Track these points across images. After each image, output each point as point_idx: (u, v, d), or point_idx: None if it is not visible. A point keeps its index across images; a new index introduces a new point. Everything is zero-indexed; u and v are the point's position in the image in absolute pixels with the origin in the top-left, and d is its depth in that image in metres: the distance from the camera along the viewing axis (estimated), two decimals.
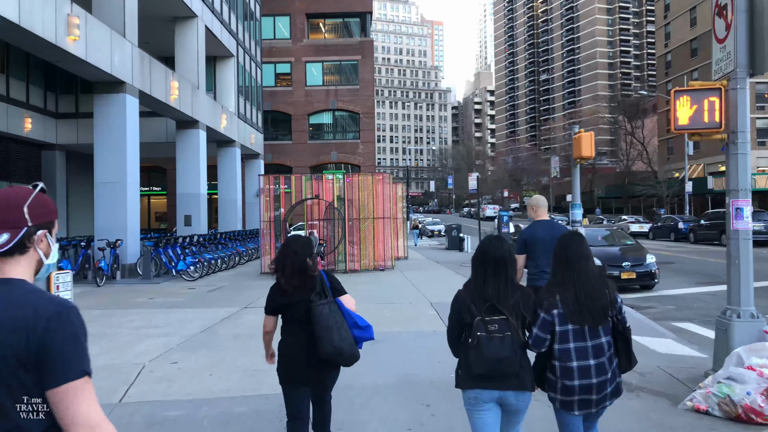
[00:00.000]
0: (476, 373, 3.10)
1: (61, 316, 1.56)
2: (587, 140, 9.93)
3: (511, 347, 3.07)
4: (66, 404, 1.51)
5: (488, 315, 3.13)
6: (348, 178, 18.09)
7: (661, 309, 10.96)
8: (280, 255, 3.76)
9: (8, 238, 1.60)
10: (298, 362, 3.65)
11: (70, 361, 1.54)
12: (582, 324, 3.18)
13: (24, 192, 1.67)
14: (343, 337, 3.59)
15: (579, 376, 3.15)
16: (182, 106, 20.81)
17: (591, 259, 3.39)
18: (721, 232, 27.63)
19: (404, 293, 12.36)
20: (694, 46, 51.54)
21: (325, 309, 3.61)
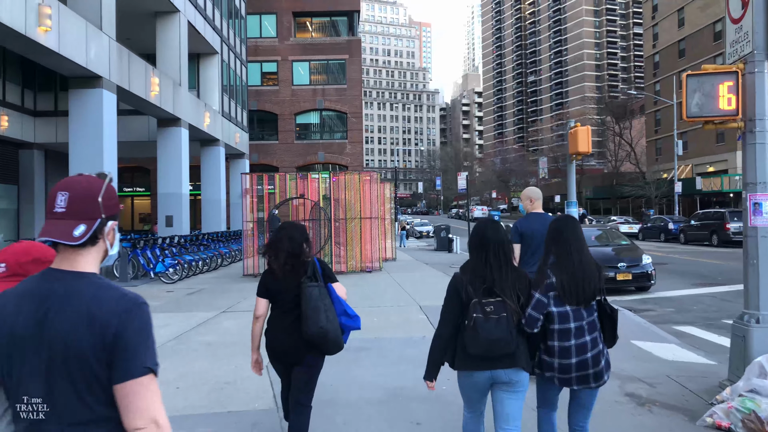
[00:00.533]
0: (472, 354, 3.14)
1: (133, 313, 1.60)
2: (584, 135, 9.46)
3: (506, 328, 3.10)
4: (130, 399, 1.56)
5: (485, 297, 3.17)
6: (334, 177, 17.53)
7: (660, 312, 10.51)
8: (275, 239, 3.80)
9: (85, 229, 1.60)
10: (283, 341, 3.72)
11: (140, 357, 1.58)
12: (577, 304, 3.29)
13: (97, 182, 1.68)
14: (330, 320, 3.61)
15: (576, 353, 3.27)
16: (163, 103, 20.15)
17: (584, 242, 3.47)
18: (712, 232, 27.39)
19: (392, 296, 11.83)
20: (682, 46, 51.50)
21: (315, 291, 3.64)
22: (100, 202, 1.64)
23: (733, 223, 26.32)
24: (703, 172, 47.47)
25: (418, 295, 11.73)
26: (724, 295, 12.25)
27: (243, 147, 32.60)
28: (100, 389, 1.58)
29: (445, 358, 3.36)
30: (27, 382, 1.58)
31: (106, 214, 1.66)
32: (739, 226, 26.37)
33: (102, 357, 1.56)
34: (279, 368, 3.90)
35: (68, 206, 1.62)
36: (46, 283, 1.63)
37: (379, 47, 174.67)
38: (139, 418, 1.55)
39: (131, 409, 1.55)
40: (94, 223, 1.62)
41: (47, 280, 1.63)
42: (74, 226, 1.60)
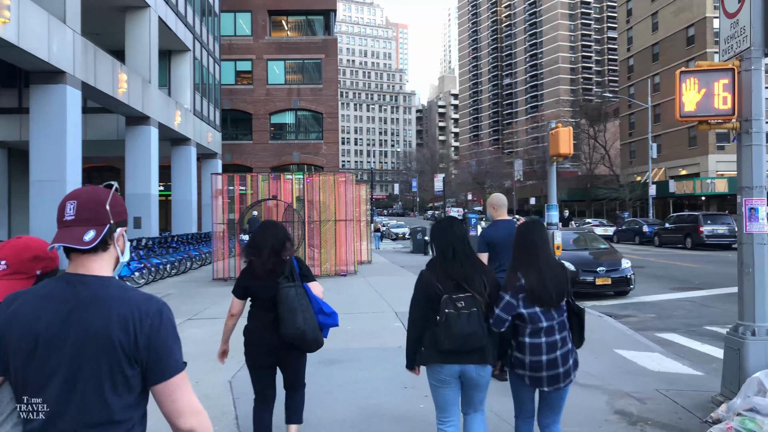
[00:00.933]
0: (445, 349, 3.19)
1: (162, 314, 1.68)
2: (565, 136, 9.17)
3: (478, 322, 3.18)
4: (175, 396, 1.64)
5: (455, 293, 3.24)
6: (308, 178, 17.08)
7: (641, 318, 10.28)
8: (259, 237, 3.77)
9: (94, 235, 1.65)
10: (261, 345, 3.69)
11: (174, 356, 1.66)
12: (545, 306, 3.38)
13: (103, 191, 1.75)
14: (307, 320, 3.60)
15: (547, 351, 3.35)
16: (132, 100, 19.49)
17: (548, 244, 3.61)
18: (686, 235, 27.51)
19: (367, 302, 11.43)
20: (655, 50, 52.00)
21: (291, 291, 3.63)
22: (108, 209, 1.70)
23: (706, 227, 26.45)
24: (676, 176, 47.97)
25: (393, 300, 11.35)
26: (703, 300, 12.09)
27: (215, 147, 31.94)
28: (126, 389, 1.63)
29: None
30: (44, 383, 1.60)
31: (115, 220, 1.73)
32: (713, 229, 26.57)
33: (133, 356, 1.62)
34: (260, 374, 3.83)
35: (77, 213, 1.68)
36: (68, 286, 1.66)
37: (356, 48, 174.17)
38: (187, 412, 1.65)
39: (178, 404, 1.65)
40: (104, 228, 1.68)
41: (69, 283, 1.67)
42: (84, 232, 1.65)
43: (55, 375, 1.60)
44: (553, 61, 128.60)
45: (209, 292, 13.43)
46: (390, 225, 50.67)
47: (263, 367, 3.82)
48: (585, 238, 14.57)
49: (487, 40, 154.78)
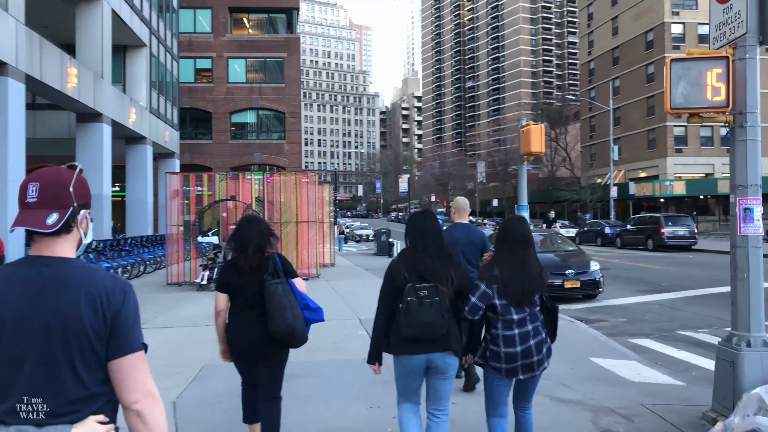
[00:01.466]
0: (406, 336, 3.25)
1: (126, 294, 1.72)
2: (537, 134, 8.81)
3: (439, 312, 3.23)
4: (128, 373, 1.67)
5: (419, 282, 3.30)
6: (269, 178, 16.42)
7: (613, 322, 9.99)
8: (244, 233, 3.74)
9: (58, 218, 1.66)
10: (247, 341, 3.68)
11: (134, 335, 1.71)
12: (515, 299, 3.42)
13: (67, 172, 1.73)
14: (296, 316, 3.62)
15: (520, 341, 3.40)
16: (82, 96, 18.52)
17: (531, 241, 3.60)
18: (648, 237, 27.71)
19: (330, 308, 10.85)
20: (616, 54, 52.71)
21: (279, 288, 3.62)
22: (71, 192, 1.69)
23: (667, 228, 26.67)
24: (636, 178, 48.65)
25: (358, 306, 10.82)
26: (671, 302, 11.91)
27: (173, 146, 30.90)
28: (97, 366, 1.66)
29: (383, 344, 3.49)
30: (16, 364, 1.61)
31: (78, 203, 1.73)
32: (674, 230, 26.81)
33: (102, 334, 1.66)
34: (242, 366, 3.87)
35: (39, 196, 1.67)
36: (33, 268, 1.67)
37: (319, 48, 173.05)
38: (138, 391, 1.67)
39: (129, 382, 1.67)
40: (67, 211, 1.68)
41: (33, 265, 1.68)
42: (47, 215, 1.65)
43: (27, 356, 1.61)
44: (514, 64, 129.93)
45: (161, 299, 12.69)
46: (354, 227, 50.09)
47: (246, 362, 3.83)
48: (552, 240, 14.30)
49: (450, 43, 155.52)
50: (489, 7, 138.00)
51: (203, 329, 8.92)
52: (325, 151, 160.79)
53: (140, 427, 1.66)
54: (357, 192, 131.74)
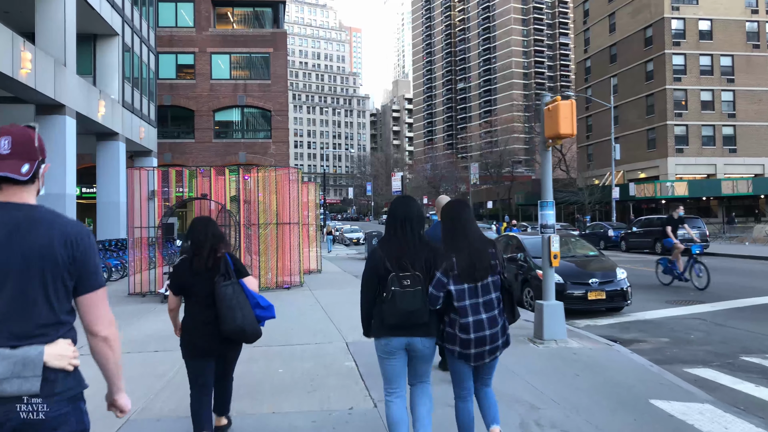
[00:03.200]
0: (390, 324, 3.45)
1: (90, 236, 1.98)
2: (566, 112, 7.06)
3: (421, 300, 3.44)
4: (97, 306, 2.00)
5: (401, 271, 3.47)
6: (246, 174, 14.59)
7: (654, 343, 8.24)
8: (198, 234, 3.88)
9: (29, 168, 1.92)
10: (202, 337, 3.83)
11: (99, 272, 2.00)
12: (470, 282, 3.56)
13: (29, 130, 2.01)
14: (246, 315, 3.77)
15: (474, 329, 3.54)
16: (40, 84, 16.65)
17: (474, 222, 3.77)
18: (656, 240, 26.03)
19: (311, 326, 9.08)
20: (613, 51, 51.27)
21: (229, 289, 3.77)
22: (36, 147, 1.97)
23: (679, 230, 24.98)
24: (635, 179, 47.13)
25: (345, 323, 9.03)
26: (712, 317, 10.19)
27: (150, 143, 28.98)
28: (66, 297, 1.94)
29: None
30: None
31: (42, 156, 2.01)
32: (685, 233, 25.15)
33: (71, 269, 1.92)
34: (196, 364, 3.91)
35: (12, 148, 1.91)
36: (4, 212, 1.91)
37: (309, 50, 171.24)
38: (105, 320, 2.01)
39: (97, 314, 1.99)
40: (35, 163, 1.95)
41: (4, 209, 1.91)
42: (21, 165, 1.90)
43: (5, 285, 1.85)
44: (506, 65, 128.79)
45: (120, 311, 10.85)
46: (344, 230, 48.25)
47: (202, 359, 3.89)
48: (569, 244, 12.55)
49: (441, 44, 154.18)
50: (480, 8, 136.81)
51: (150, 357, 7.11)
52: (315, 153, 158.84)
53: (107, 350, 2.03)
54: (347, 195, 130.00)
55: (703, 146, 45.68)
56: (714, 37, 45.44)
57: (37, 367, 1.81)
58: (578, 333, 8.25)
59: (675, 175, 44.58)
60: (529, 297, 10.95)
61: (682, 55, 44.86)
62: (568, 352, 7.08)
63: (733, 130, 45.73)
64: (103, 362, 2.03)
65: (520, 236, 12.58)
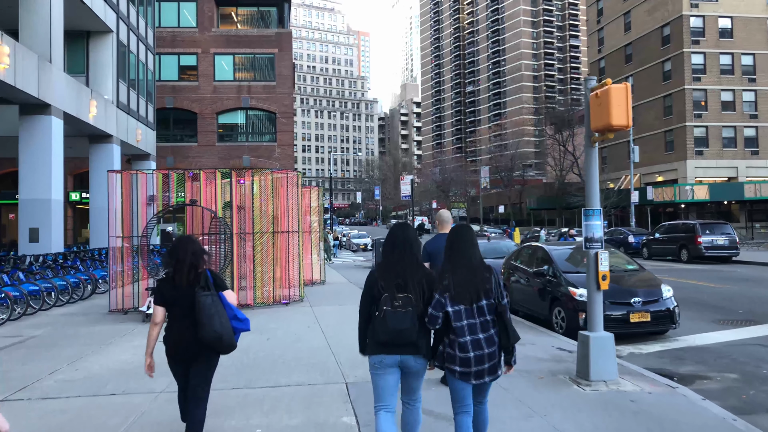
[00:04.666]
0: (381, 341, 3.64)
1: None
2: (620, 97, 5.65)
3: (411, 320, 3.63)
4: None
5: (395, 292, 3.67)
6: (241, 178, 13.24)
7: (723, 382, 6.78)
8: (180, 252, 4.15)
9: None
10: (181, 344, 4.09)
11: None
12: (465, 303, 3.74)
13: None
14: (224, 324, 4.03)
15: (473, 348, 3.69)
16: (21, 82, 15.41)
17: (474, 246, 3.95)
18: (681, 246, 24.54)
19: (307, 356, 7.69)
20: (629, 51, 49.68)
21: (208, 299, 4.04)
22: None
23: (705, 237, 23.51)
24: (652, 182, 45.47)
25: (346, 352, 7.64)
26: None
27: (148, 146, 27.75)
28: None
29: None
30: None
31: None
32: (712, 240, 23.64)
33: None
34: (178, 369, 4.23)
35: None
36: None
37: (317, 54, 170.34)
38: None
39: None
40: None
41: None
42: None
43: None
44: (516, 68, 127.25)
45: (93, 333, 9.54)
46: (351, 235, 46.81)
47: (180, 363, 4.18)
48: None
49: (449, 47, 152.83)
50: (489, 11, 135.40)
51: (104, 403, 5.71)
52: (323, 157, 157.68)
53: None
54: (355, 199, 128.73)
55: (723, 148, 43.98)
56: (735, 35, 43.78)
57: None
58: (627, 368, 6.81)
59: (694, 178, 42.91)
60: (559, 318, 9.52)
61: (702, 54, 43.22)
62: (623, 399, 5.66)
63: (755, 131, 44.00)
64: None
65: (547, 247, 11.13)
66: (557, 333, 9.32)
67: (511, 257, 12.34)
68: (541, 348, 8.01)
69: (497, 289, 3.80)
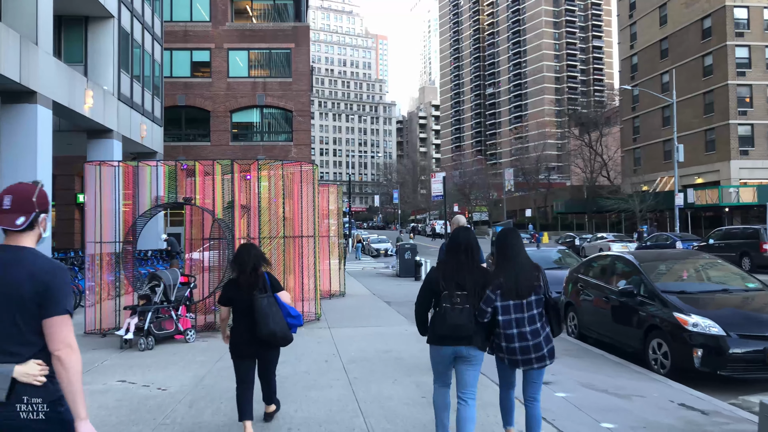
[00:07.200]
0: (439, 334, 4.02)
1: (56, 273, 2.32)
2: None
3: (468, 317, 3.96)
4: (55, 329, 2.27)
5: (454, 290, 4.01)
6: (246, 173, 11.04)
7: None
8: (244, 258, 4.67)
9: (24, 220, 2.34)
10: (243, 341, 4.63)
11: (60, 303, 2.30)
12: (515, 298, 4.10)
13: (31, 187, 2.43)
14: (277, 322, 4.52)
15: (518, 339, 4.08)
16: (2, 67, 13.41)
17: (522, 248, 4.32)
18: (743, 254, 21.98)
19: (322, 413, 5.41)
20: (664, 46, 46.96)
21: (264, 301, 4.53)
22: (34, 201, 2.37)
23: None
24: (691, 184, 42.63)
25: (379, 410, 5.34)
26: None
27: (154, 144, 25.71)
28: (33, 322, 2.27)
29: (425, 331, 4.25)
30: None
31: (39, 209, 2.40)
32: None
33: (36, 300, 2.26)
34: (242, 364, 4.70)
35: (12, 204, 2.34)
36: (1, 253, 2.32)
37: (335, 57, 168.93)
38: (57, 343, 2.26)
39: (55, 336, 2.27)
40: (31, 215, 2.35)
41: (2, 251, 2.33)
42: (17, 218, 2.32)
43: None
44: (537, 70, 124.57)
45: None
46: (370, 240, 44.57)
47: (245, 358, 4.69)
48: (703, 269, 8.65)
49: (469, 49, 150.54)
50: (510, 12, 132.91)
51: None
52: (341, 161, 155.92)
53: (60, 369, 2.26)
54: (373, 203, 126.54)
55: None
56: None
57: (5, 381, 2.19)
58: None
59: (738, 179, 40.05)
60: (659, 353, 7.14)
61: (746, 48, 40.39)
62: None
63: None
64: (60, 381, 2.27)
65: (631, 256, 8.74)
66: (657, 372, 6.99)
67: (578, 270, 9.98)
68: (656, 404, 5.66)
69: (546, 285, 4.19)
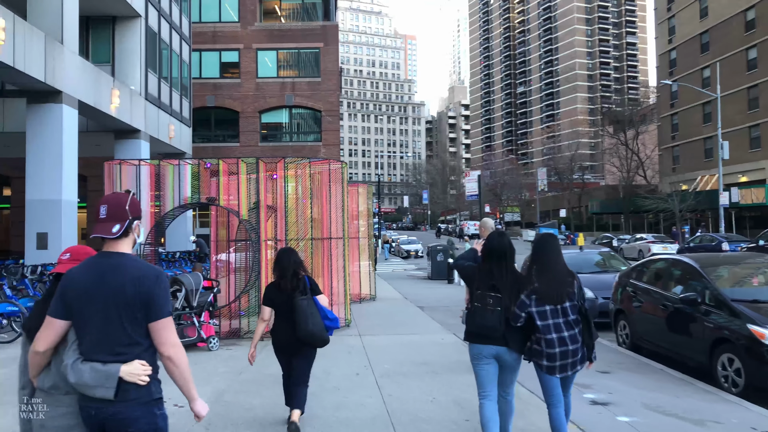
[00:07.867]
0: (471, 332, 4.21)
1: (158, 278, 2.52)
2: None
3: (498, 319, 4.07)
4: (161, 332, 2.48)
5: (489, 291, 4.14)
6: (274, 172, 10.48)
7: None
8: (285, 262, 4.95)
9: (119, 227, 2.53)
10: (284, 339, 4.92)
11: (163, 307, 2.50)
12: (552, 303, 4.12)
13: (124, 196, 2.63)
14: (316, 323, 4.73)
15: (558, 344, 4.08)
16: (23, 63, 13.14)
17: (559, 254, 4.35)
18: None
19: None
20: (704, 39, 45.32)
21: (304, 302, 4.77)
22: (127, 209, 2.57)
23: None
24: (735, 183, 40.94)
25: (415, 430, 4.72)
26: None
27: (182, 145, 25.47)
28: (138, 324, 2.46)
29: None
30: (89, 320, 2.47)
31: (132, 216, 2.59)
32: None
33: (139, 303, 2.45)
34: (282, 359, 5.10)
35: (107, 213, 2.55)
36: (101, 259, 2.55)
37: (364, 58, 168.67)
38: (168, 343, 2.48)
39: (162, 338, 2.48)
40: (125, 223, 2.55)
41: (102, 257, 2.55)
42: (112, 226, 2.53)
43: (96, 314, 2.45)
44: (569, 67, 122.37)
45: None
46: (400, 241, 43.90)
47: (285, 355, 5.02)
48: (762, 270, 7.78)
49: (499, 48, 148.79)
50: (541, 9, 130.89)
51: None
52: (370, 161, 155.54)
53: (171, 367, 2.49)
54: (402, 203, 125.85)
55: None
56: None
57: (113, 380, 2.38)
58: None
59: None
60: (730, 369, 6.34)
61: None
62: None
63: None
64: (171, 377, 2.51)
65: (691, 260, 7.89)
66: (727, 391, 6.21)
67: (630, 274, 9.17)
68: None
69: (580, 292, 4.24)
